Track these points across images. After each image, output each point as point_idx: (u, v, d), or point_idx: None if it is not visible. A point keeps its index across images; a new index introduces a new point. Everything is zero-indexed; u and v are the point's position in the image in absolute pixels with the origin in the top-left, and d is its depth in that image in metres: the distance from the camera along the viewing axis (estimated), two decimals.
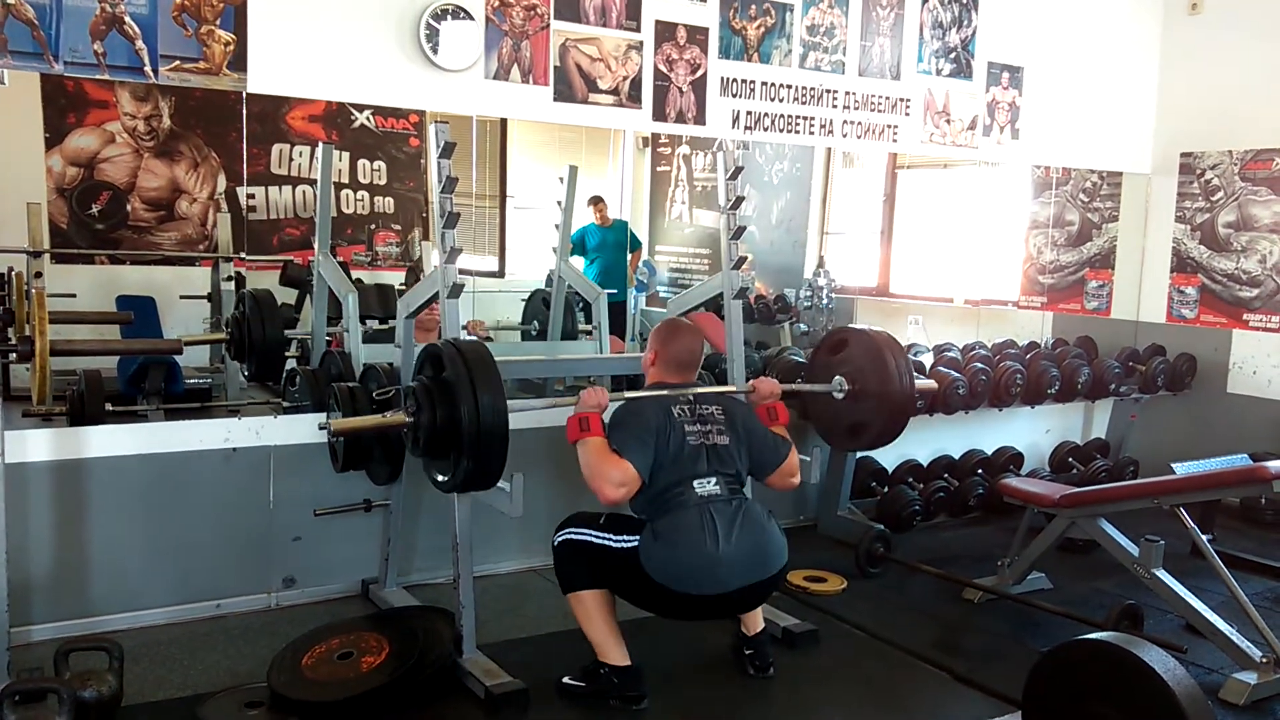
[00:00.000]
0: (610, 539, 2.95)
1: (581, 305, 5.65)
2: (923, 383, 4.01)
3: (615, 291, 5.82)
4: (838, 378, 3.74)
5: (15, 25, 3.02)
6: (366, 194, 6.81)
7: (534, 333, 5.74)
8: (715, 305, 3.93)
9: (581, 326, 5.56)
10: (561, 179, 5.35)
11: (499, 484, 2.91)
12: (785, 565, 3.04)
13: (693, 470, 2.97)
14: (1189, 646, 3.34)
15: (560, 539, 3.04)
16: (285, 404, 4.06)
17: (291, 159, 5.83)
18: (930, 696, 3.19)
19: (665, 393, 3.10)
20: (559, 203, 5.31)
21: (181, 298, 5.24)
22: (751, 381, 3.43)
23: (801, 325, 6.79)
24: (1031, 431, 5.54)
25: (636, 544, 2.89)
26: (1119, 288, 5.93)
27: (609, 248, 7.20)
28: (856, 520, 4.55)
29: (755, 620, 3.24)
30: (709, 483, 2.97)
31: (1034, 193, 6.32)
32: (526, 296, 5.91)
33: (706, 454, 3.00)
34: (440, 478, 2.95)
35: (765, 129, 4.48)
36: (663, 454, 2.94)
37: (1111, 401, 5.58)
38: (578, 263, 5.32)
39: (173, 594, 3.48)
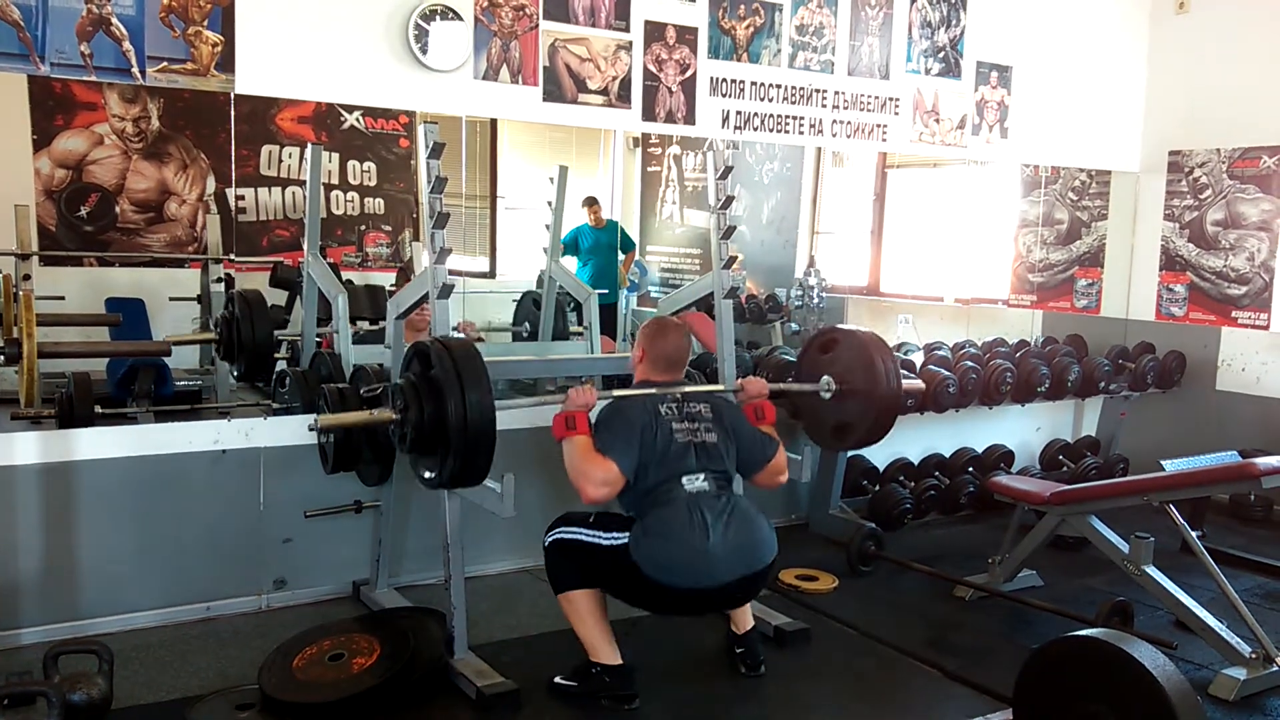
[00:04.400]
0: (600, 536, 2.94)
1: (573, 306, 5.64)
2: (910, 383, 4.01)
3: (606, 292, 5.80)
4: (826, 377, 3.74)
5: (1, 27, 3.01)
6: (356, 195, 6.79)
7: (525, 334, 5.73)
8: (706, 305, 3.93)
9: (574, 328, 5.55)
10: (552, 179, 5.35)
11: (490, 484, 2.90)
12: (775, 559, 3.03)
13: (681, 467, 2.97)
14: (1179, 643, 3.34)
15: (551, 539, 3.04)
16: (275, 405, 4.05)
17: (281, 160, 5.81)
18: (921, 694, 3.19)
19: (653, 391, 3.10)
20: (549, 203, 5.31)
21: (171, 299, 5.23)
22: (739, 380, 3.42)
23: (793, 324, 6.79)
24: (1022, 429, 5.55)
25: (626, 540, 2.89)
26: (1108, 286, 5.95)
27: (602, 249, 7.21)
28: (848, 519, 4.56)
29: (744, 619, 3.24)
30: (698, 479, 2.98)
31: (1023, 191, 6.34)
32: (518, 298, 5.90)
33: (695, 451, 3.00)
34: (428, 474, 2.95)
35: (755, 129, 4.48)
36: (649, 452, 2.94)
37: (1101, 399, 5.60)
38: (571, 263, 5.31)
39: (163, 596, 3.47)
